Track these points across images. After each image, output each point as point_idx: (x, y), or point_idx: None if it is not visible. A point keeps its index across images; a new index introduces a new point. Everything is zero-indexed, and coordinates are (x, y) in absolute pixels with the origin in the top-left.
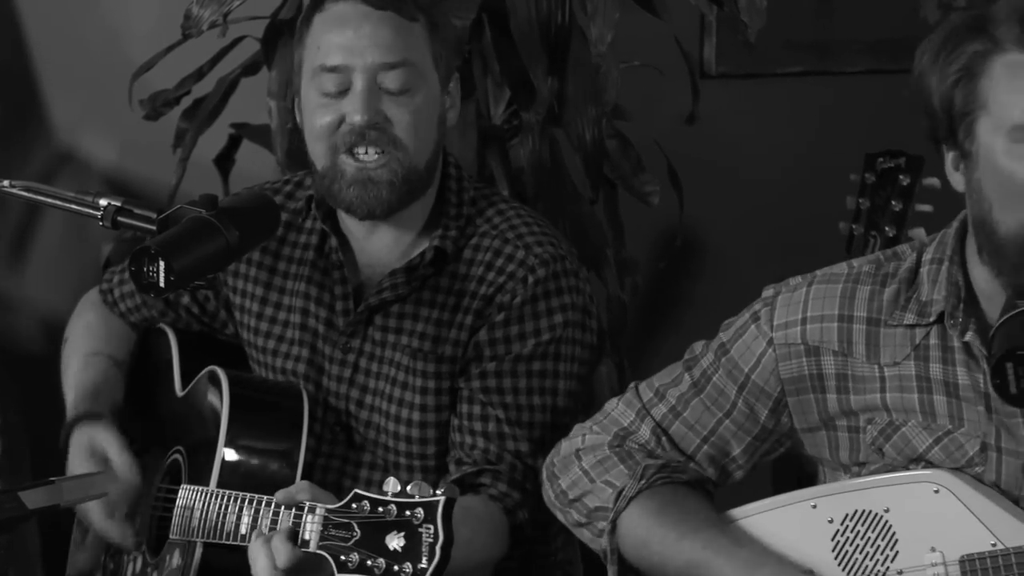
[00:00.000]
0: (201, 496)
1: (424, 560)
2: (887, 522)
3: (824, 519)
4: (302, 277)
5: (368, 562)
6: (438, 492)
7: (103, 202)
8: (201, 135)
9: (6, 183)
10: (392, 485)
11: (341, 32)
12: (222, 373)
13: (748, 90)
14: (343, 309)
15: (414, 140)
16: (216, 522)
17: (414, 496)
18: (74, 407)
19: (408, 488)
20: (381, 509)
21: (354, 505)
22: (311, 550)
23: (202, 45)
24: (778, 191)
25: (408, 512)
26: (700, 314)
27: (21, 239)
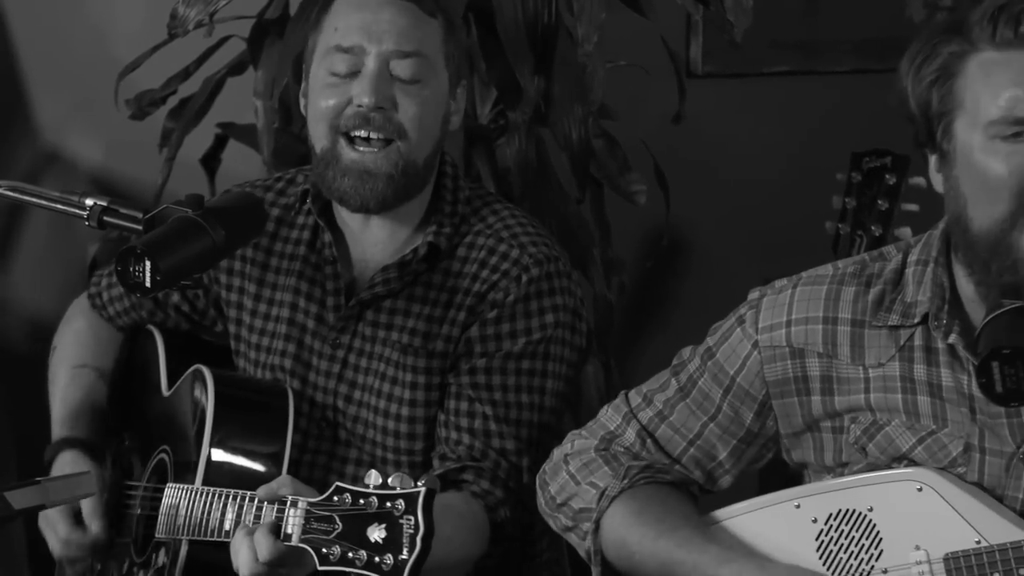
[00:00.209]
0: (186, 494)
1: (405, 551)
2: (871, 521)
3: (808, 519)
4: (293, 272)
5: (350, 554)
6: (419, 484)
7: (89, 202)
8: (187, 135)
9: None
10: (374, 478)
11: (361, 15)
12: (207, 372)
13: (734, 90)
14: (334, 304)
15: (418, 131)
16: (201, 520)
17: (395, 488)
18: (61, 425)
19: (389, 480)
20: (362, 501)
21: (336, 498)
22: (293, 543)
23: (188, 45)
24: (764, 190)
25: (389, 504)
26: (687, 314)
27: (7, 239)
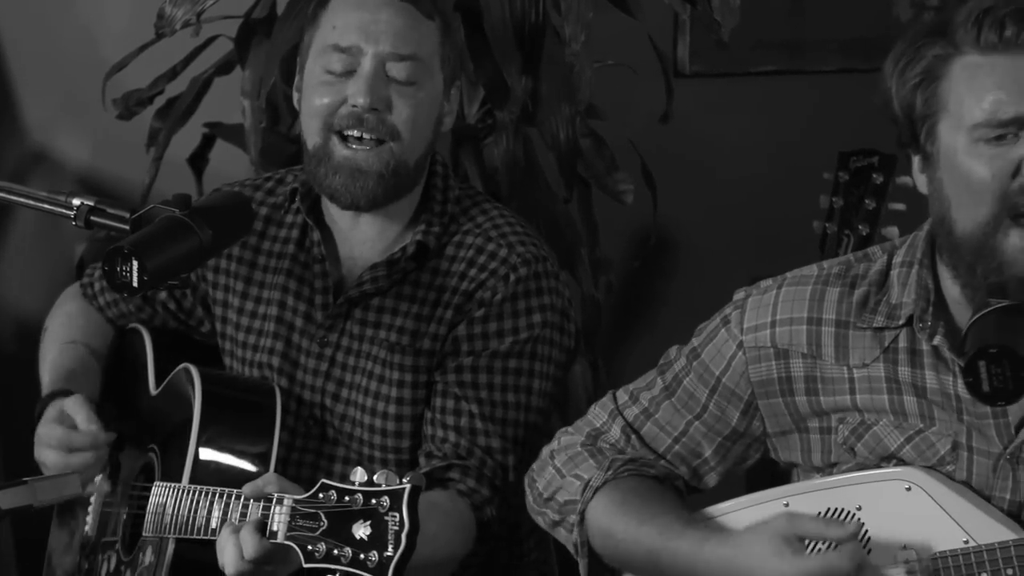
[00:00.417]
0: (173, 493)
1: (390, 548)
2: (859, 520)
3: None
4: (281, 271)
5: (335, 551)
6: (404, 480)
7: (76, 201)
8: (174, 134)
9: None
10: (359, 475)
11: (359, 14)
12: (195, 370)
13: (721, 89)
14: (322, 303)
15: (411, 133)
16: (188, 518)
17: (380, 485)
18: (50, 386)
19: (375, 477)
20: (348, 498)
21: (321, 495)
22: (279, 541)
23: (175, 44)
24: (752, 190)
25: (374, 500)
26: (674, 313)
27: None
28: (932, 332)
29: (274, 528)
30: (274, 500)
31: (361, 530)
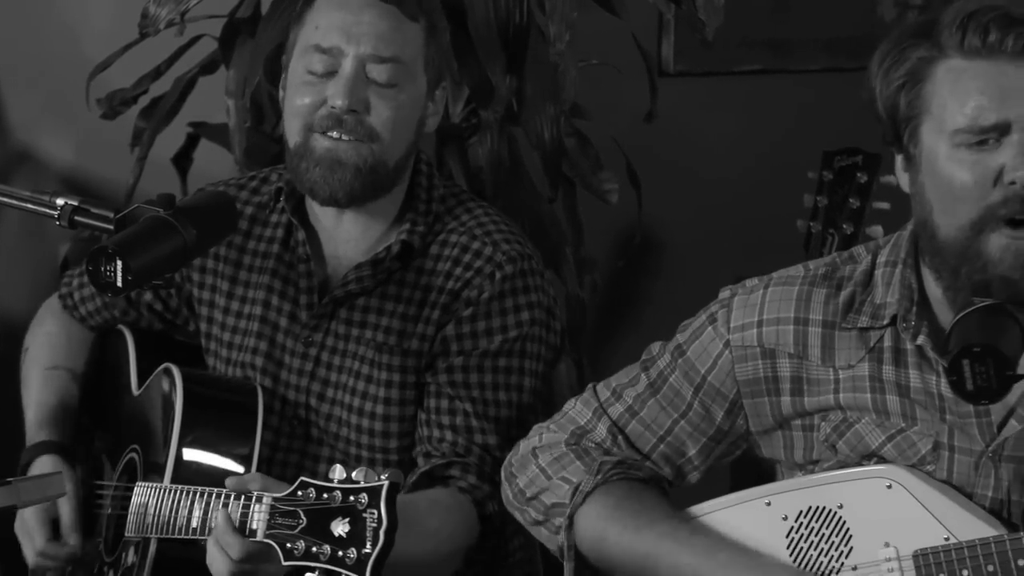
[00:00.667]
0: (155, 493)
1: (368, 545)
2: (841, 518)
3: (779, 516)
4: (266, 270)
5: (314, 549)
6: (382, 477)
7: (60, 201)
8: (159, 134)
9: None
10: (338, 472)
11: (342, 15)
12: (176, 370)
13: (706, 88)
14: (307, 303)
15: (390, 135)
16: (169, 517)
17: (359, 482)
18: (37, 428)
19: (353, 474)
20: (326, 496)
21: (300, 493)
22: (259, 539)
23: (159, 44)
24: (736, 189)
25: (352, 498)
26: (659, 312)
27: None
28: (916, 332)
29: (253, 527)
30: (253, 498)
31: (340, 527)
